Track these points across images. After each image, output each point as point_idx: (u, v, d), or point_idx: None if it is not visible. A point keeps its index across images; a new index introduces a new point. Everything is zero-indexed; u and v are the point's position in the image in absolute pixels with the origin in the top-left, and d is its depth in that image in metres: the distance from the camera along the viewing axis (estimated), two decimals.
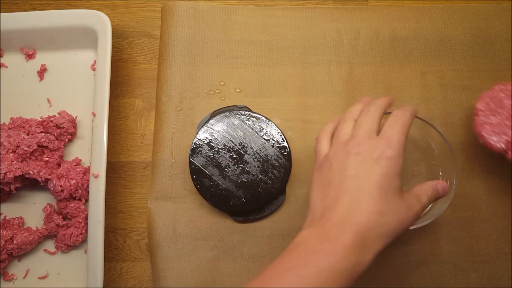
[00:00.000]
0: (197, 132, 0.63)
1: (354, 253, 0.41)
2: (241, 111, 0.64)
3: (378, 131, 0.49)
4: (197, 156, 0.62)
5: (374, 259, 0.42)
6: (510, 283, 0.63)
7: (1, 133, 0.64)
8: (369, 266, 0.42)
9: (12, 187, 0.64)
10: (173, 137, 0.67)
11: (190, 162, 0.62)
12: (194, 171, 0.62)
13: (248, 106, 0.67)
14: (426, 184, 0.49)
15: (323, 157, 0.50)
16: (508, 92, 0.60)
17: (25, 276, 0.65)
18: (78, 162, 0.67)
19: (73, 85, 0.71)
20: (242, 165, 0.62)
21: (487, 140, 0.59)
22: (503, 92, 0.60)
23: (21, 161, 0.63)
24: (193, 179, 0.62)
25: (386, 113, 0.53)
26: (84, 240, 0.65)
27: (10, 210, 0.67)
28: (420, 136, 0.64)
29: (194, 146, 0.63)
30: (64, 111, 0.68)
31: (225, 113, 0.63)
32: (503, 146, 0.58)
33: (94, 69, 0.71)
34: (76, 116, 0.69)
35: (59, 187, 0.62)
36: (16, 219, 0.66)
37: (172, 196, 0.65)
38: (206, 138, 0.63)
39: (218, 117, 0.63)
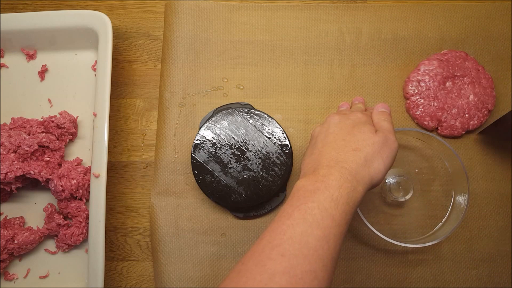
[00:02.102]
0: (200, 128, 0.67)
1: (346, 181, 0.48)
2: (244, 108, 0.68)
3: None
4: (199, 152, 0.66)
5: (368, 188, 0.51)
6: (510, 281, 0.66)
7: (2, 133, 0.67)
8: (364, 194, 0.50)
9: (13, 187, 0.67)
10: (176, 133, 0.71)
11: (192, 158, 0.66)
12: (196, 166, 0.66)
13: (250, 104, 0.70)
14: (376, 116, 0.59)
15: (312, 136, 0.60)
16: (431, 73, 0.71)
17: (26, 275, 0.68)
18: (79, 162, 0.70)
19: (74, 85, 0.74)
20: (243, 162, 0.65)
21: (421, 122, 0.70)
22: (426, 73, 0.71)
23: (22, 161, 0.66)
24: (194, 175, 0.66)
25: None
26: (85, 239, 0.69)
27: (11, 210, 0.71)
28: (436, 154, 0.69)
29: (197, 142, 0.66)
30: (65, 111, 0.71)
31: (228, 110, 0.67)
32: (435, 125, 0.69)
33: (95, 70, 0.74)
34: (77, 116, 0.72)
35: (60, 187, 0.66)
36: (17, 219, 0.69)
37: (175, 191, 0.69)
38: (209, 134, 0.67)
39: (221, 114, 0.67)
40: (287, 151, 0.66)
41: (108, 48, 0.68)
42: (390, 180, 0.68)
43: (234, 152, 0.66)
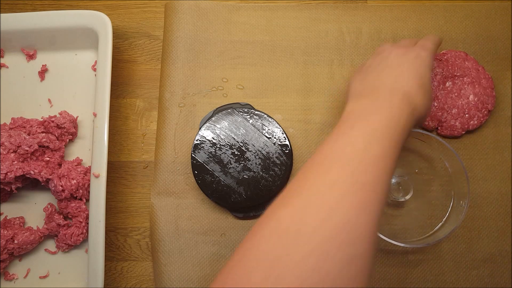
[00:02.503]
0: (200, 129, 0.67)
1: (406, 106, 0.50)
2: (243, 109, 0.67)
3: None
4: (199, 152, 0.66)
5: (416, 121, 0.52)
6: (511, 281, 0.66)
7: (2, 133, 0.67)
8: (413, 126, 0.52)
9: (13, 187, 0.67)
10: (175, 133, 0.71)
11: (192, 158, 0.66)
12: (196, 166, 0.66)
13: (250, 104, 0.70)
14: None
15: (366, 64, 0.61)
16: (431, 73, 0.70)
17: (26, 275, 0.68)
18: (79, 162, 0.70)
19: (74, 85, 0.74)
20: (243, 162, 0.65)
21: None
22: None
23: (22, 161, 0.66)
24: (194, 175, 0.66)
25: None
26: (85, 239, 0.69)
27: (11, 210, 0.71)
28: (436, 155, 0.69)
29: (197, 142, 0.66)
30: (65, 111, 0.71)
31: (228, 110, 0.67)
32: (435, 125, 0.70)
33: (95, 70, 0.74)
34: (77, 116, 0.72)
35: (60, 187, 0.66)
36: (17, 219, 0.69)
37: (175, 191, 0.69)
38: (209, 134, 0.67)
39: (220, 114, 0.67)
40: (287, 151, 0.66)
41: (108, 48, 0.68)
42: None
43: (234, 152, 0.66)
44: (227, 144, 0.66)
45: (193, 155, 0.66)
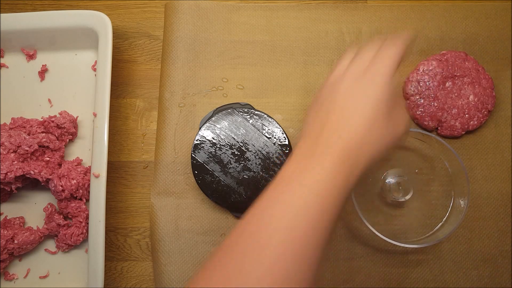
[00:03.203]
0: (200, 129, 0.67)
1: (344, 166, 0.45)
2: (243, 109, 0.67)
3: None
4: (199, 152, 0.66)
5: (360, 177, 0.46)
6: (511, 282, 0.66)
7: (2, 133, 0.67)
8: (356, 184, 0.46)
9: (13, 187, 0.67)
10: (175, 133, 0.71)
11: (192, 158, 0.66)
12: (196, 166, 0.66)
13: (250, 104, 0.70)
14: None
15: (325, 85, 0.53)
16: (431, 73, 0.70)
17: (26, 275, 0.68)
18: (79, 162, 0.70)
19: (74, 85, 0.74)
20: (243, 162, 0.65)
21: (421, 122, 0.70)
22: (426, 73, 0.71)
23: (22, 161, 0.66)
24: (194, 175, 0.66)
25: None
26: (85, 239, 0.68)
27: (11, 210, 0.70)
28: (436, 155, 0.69)
29: (197, 142, 0.66)
30: (65, 111, 0.71)
31: (228, 110, 0.67)
32: (435, 125, 0.69)
33: (95, 70, 0.74)
34: (77, 116, 0.72)
35: (60, 187, 0.66)
36: (17, 219, 0.69)
37: (175, 191, 0.69)
38: (209, 134, 0.66)
39: (220, 114, 0.67)
40: (287, 151, 0.66)
41: (108, 48, 0.68)
42: (390, 180, 0.68)
43: (234, 152, 0.66)
44: (227, 144, 0.66)
45: (193, 155, 0.66)
